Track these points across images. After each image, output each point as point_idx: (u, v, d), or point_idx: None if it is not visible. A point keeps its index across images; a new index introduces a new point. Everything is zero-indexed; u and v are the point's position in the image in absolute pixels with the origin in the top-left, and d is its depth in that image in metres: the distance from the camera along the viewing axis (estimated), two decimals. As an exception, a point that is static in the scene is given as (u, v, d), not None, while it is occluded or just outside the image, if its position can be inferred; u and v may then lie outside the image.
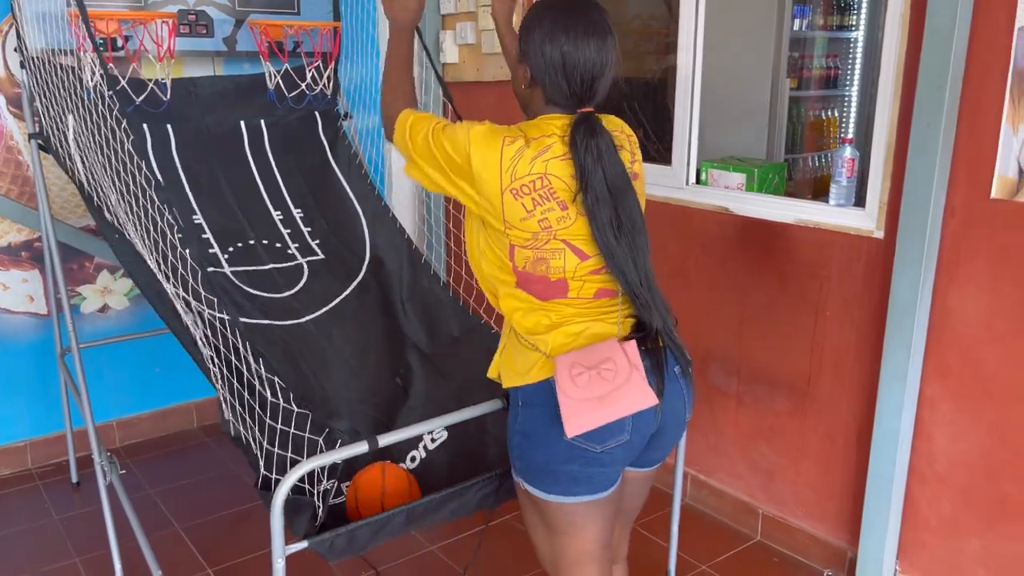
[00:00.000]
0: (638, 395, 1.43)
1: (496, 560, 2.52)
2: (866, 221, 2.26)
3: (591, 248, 1.49)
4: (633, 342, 1.47)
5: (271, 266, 2.55)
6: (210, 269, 2.05)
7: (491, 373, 1.65)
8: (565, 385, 1.43)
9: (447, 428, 2.00)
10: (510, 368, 1.56)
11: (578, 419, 1.43)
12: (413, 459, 2.03)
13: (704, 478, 2.86)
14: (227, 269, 2.44)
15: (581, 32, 1.44)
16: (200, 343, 1.96)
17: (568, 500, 1.52)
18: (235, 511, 2.85)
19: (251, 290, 2.43)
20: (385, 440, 1.57)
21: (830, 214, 2.35)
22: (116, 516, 2.44)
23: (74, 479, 3.04)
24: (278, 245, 2.62)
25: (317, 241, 2.69)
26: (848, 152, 2.34)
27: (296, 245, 2.64)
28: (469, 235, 1.60)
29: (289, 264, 2.58)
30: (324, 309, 2.49)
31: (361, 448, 1.53)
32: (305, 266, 2.59)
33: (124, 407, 3.31)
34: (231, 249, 2.51)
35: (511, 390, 1.55)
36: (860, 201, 2.32)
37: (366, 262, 2.66)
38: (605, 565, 1.63)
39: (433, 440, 1.96)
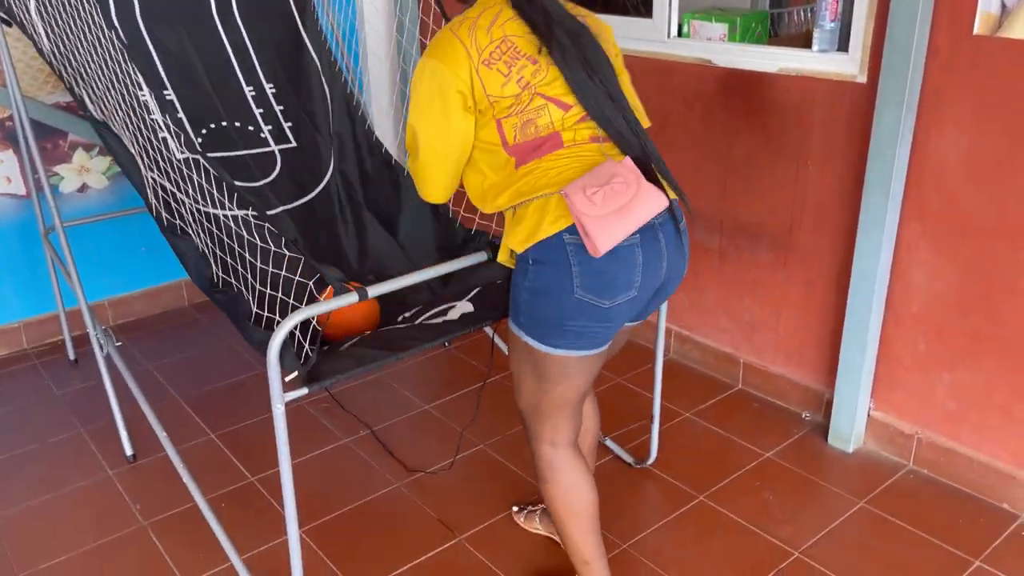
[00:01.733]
0: (652, 199, 1.49)
1: (491, 418, 2.63)
2: (849, 66, 2.24)
3: (570, 98, 1.57)
4: (628, 158, 1.53)
5: (244, 152, 2.52)
6: (185, 155, 2.02)
7: (501, 257, 1.67)
8: (583, 206, 1.46)
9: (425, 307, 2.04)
10: (517, 234, 1.57)
11: (607, 234, 1.46)
12: (400, 320, 2.07)
13: (688, 333, 2.95)
14: (202, 154, 2.41)
15: None
16: (177, 214, 1.95)
17: (568, 353, 1.58)
18: (232, 381, 2.93)
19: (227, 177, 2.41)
20: (375, 291, 1.60)
21: (813, 60, 2.32)
22: (116, 387, 2.51)
23: (71, 356, 3.09)
24: (251, 128, 2.59)
25: (289, 124, 2.65)
26: (832, -5, 2.29)
27: (269, 127, 2.60)
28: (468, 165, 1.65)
29: (262, 150, 2.55)
30: (298, 202, 2.48)
31: (352, 298, 1.56)
32: (278, 155, 2.56)
33: (114, 287, 3.33)
34: (204, 132, 2.48)
35: (521, 253, 1.57)
36: (844, 47, 2.29)
37: (333, 153, 2.63)
38: (581, 406, 1.74)
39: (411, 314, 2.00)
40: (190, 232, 2.04)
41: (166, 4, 2.57)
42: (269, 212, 2.47)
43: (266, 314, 1.74)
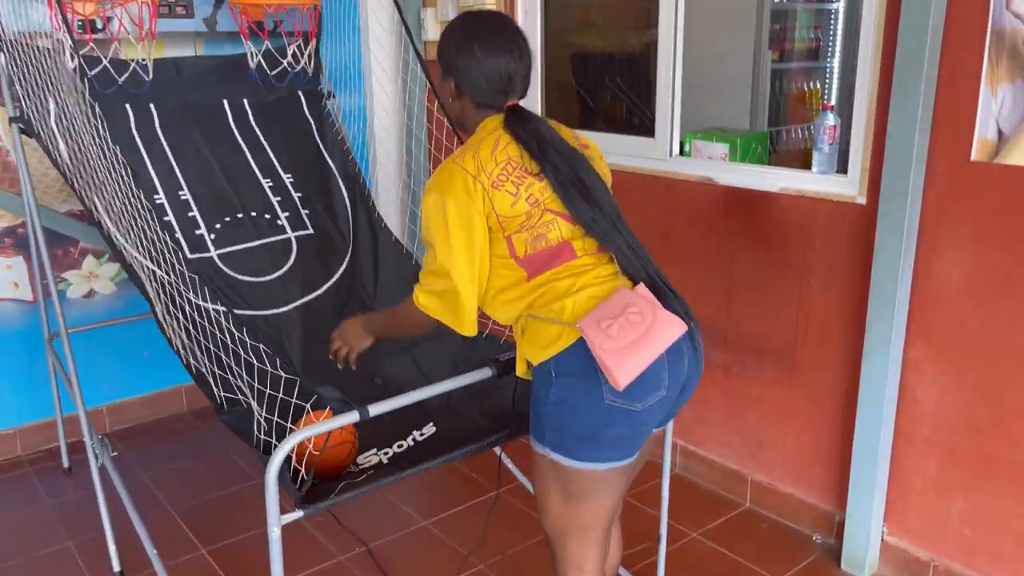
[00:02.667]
0: (669, 327, 1.50)
1: (492, 535, 2.55)
2: (849, 188, 2.28)
3: None
4: (642, 285, 1.54)
5: (259, 242, 2.54)
6: (195, 256, 2.05)
7: (519, 371, 1.64)
8: (599, 340, 1.45)
9: (435, 422, 2.00)
10: (535, 344, 1.56)
11: (624, 368, 1.45)
12: (400, 446, 2.03)
13: (693, 448, 2.89)
14: (213, 253, 2.44)
15: (489, 36, 1.64)
16: (175, 324, 1.96)
17: (599, 467, 1.54)
18: (227, 492, 2.86)
19: (237, 275, 2.43)
20: (376, 409, 1.58)
21: (813, 181, 2.37)
22: (109, 499, 2.45)
23: (65, 464, 3.04)
24: (267, 216, 2.61)
25: (307, 211, 2.68)
26: (830, 119, 2.35)
27: (287, 214, 2.62)
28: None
29: (278, 238, 2.57)
30: (308, 297, 2.49)
31: (352, 417, 1.54)
32: (294, 241, 2.58)
33: (114, 392, 3.30)
34: (218, 226, 2.50)
35: (539, 365, 1.55)
36: (843, 168, 2.34)
37: (349, 250, 2.66)
38: (610, 529, 1.67)
39: (421, 434, 1.97)
40: (186, 350, 2.03)
41: (184, 115, 2.66)
42: (277, 310, 2.46)
43: (263, 437, 1.71)
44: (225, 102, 2.74)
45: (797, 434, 2.56)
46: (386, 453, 1.86)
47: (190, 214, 2.49)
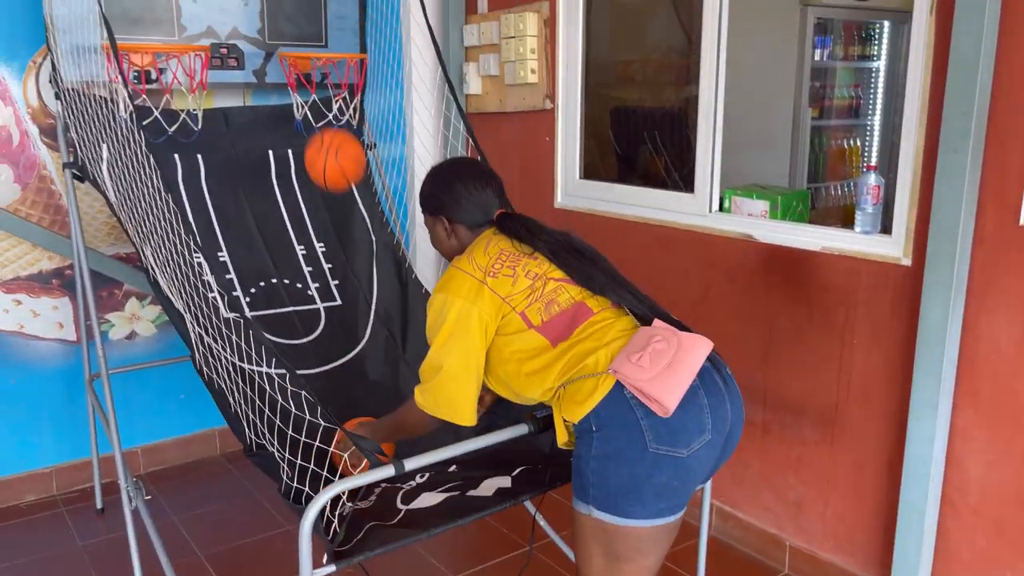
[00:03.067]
0: (695, 345, 1.55)
1: (520, 590, 2.50)
2: (893, 248, 2.25)
3: None
4: (656, 320, 1.62)
5: (291, 308, 2.59)
6: (233, 314, 2.09)
7: (561, 441, 1.65)
8: (634, 374, 1.50)
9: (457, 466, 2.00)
10: (572, 403, 1.57)
11: (666, 391, 1.49)
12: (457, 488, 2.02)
13: (730, 509, 2.83)
14: (248, 314, 2.48)
15: (464, 170, 1.90)
16: (219, 371, 1.98)
17: (644, 524, 1.52)
18: (258, 539, 2.85)
19: (270, 336, 2.47)
20: (412, 463, 1.56)
21: (856, 241, 2.34)
22: (140, 542, 2.45)
23: (99, 505, 3.05)
24: (299, 286, 2.68)
25: (336, 282, 2.73)
26: (873, 179, 2.33)
27: (316, 285, 2.68)
28: (493, 378, 1.75)
29: (308, 307, 2.62)
30: (337, 363, 2.52)
31: (388, 471, 1.53)
32: (323, 312, 2.63)
33: (149, 434, 3.33)
34: (253, 290, 2.56)
35: (579, 423, 1.55)
36: (886, 228, 2.31)
37: (373, 307, 2.69)
38: None
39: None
40: (225, 390, 2.05)
41: (229, 169, 2.72)
42: (308, 371, 2.49)
43: (295, 485, 1.70)
44: (270, 153, 2.80)
45: (839, 499, 2.49)
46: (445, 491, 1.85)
47: (227, 276, 2.55)
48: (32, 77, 2.86)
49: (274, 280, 2.65)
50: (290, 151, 2.86)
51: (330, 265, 2.77)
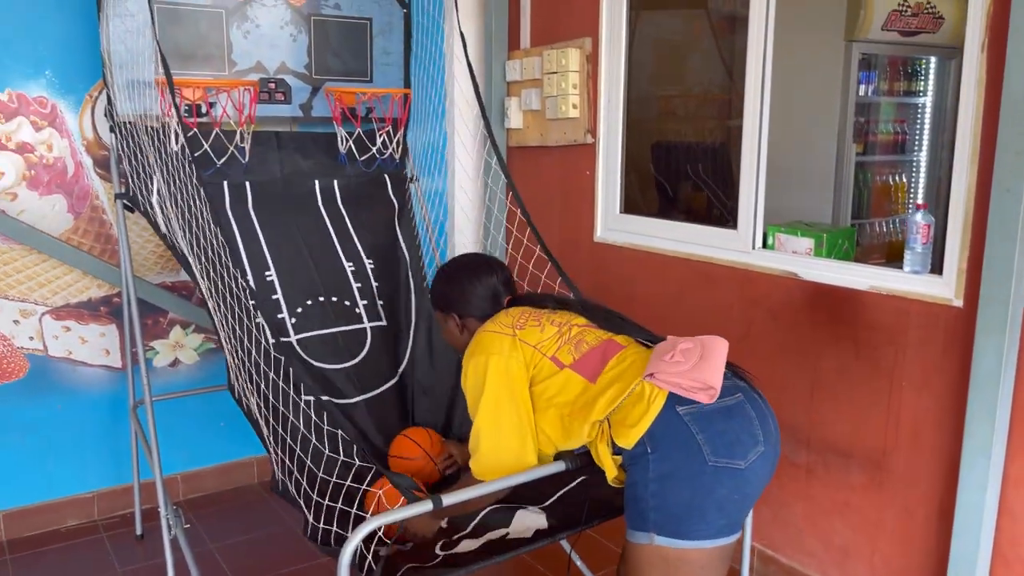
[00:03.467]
0: (716, 342, 1.62)
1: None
2: (944, 289, 2.20)
3: None
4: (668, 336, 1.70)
5: (337, 329, 2.60)
6: (276, 339, 2.11)
7: (610, 477, 1.65)
8: (672, 370, 1.55)
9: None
10: (624, 427, 1.57)
11: (706, 374, 1.54)
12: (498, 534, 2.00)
13: (772, 553, 2.76)
14: (293, 338, 2.50)
15: (470, 266, 2.01)
16: (255, 404, 2.00)
17: (706, 544, 1.52)
18: (294, 570, 2.84)
19: (313, 362, 2.48)
20: (450, 499, 1.55)
21: (905, 281, 2.29)
22: (178, 570, 2.46)
23: (138, 531, 3.07)
24: (347, 303, 2.68)
25: (382, 301, 2.74)
26: (922, 218, 2.29)
27: (364, 303, 2.68)
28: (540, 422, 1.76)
29: (355, 327, 2.63)
30: (375, 392, 2.53)
31: (425, 507, 1.52)
32: (369, 332, 2.64)
33: (189, 461, 3.36)
34: (299, 310, 2.57)
35: (633, 448, 1.56)
36: (935, 268, 2.26)
37: (410, 344, 2.71)
38: None
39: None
40: (259, 422, 2.06)
41: (276, 194, 2.76)
42: (346, 400, 2.49)
43: (322, 526, 1.69)
44: (316, 183, 2.84)
45: (886, 546, 2.41)
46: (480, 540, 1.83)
47: (274, 296, 2.57)
48: (88, 110, 2.94)
49: (321, 298, 2.66)
50: (335, 182, 2.90)
51: (378, 283, 2.78)
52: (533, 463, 1.69)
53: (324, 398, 2.44)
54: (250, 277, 2.57)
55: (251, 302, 2.12)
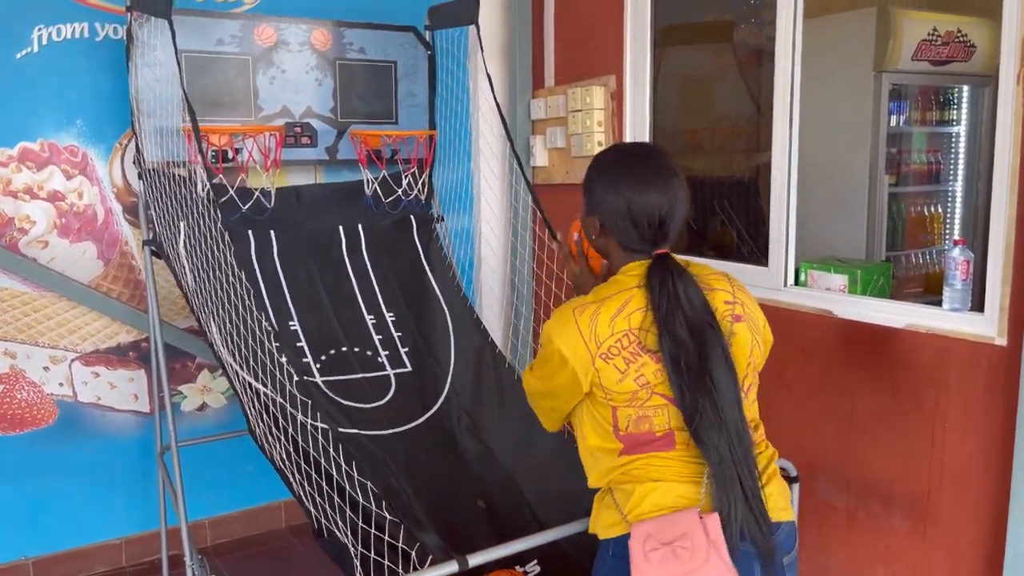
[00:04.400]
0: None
1: None
2: (986, 327, 2.12)
3: None
4: (715, 516, 1.38)
5: (361, 375, 2.59)
6: (304, 378, 2.10)
7: (592, 527, 1.58)
8: (638, 560, 1.37)
9: (540, 560, 1.94)
10: (602, 520, 1.53)
11: None
12: None
13: (813, 600, 2.66)
14: (319, 379, 2.49)
15: (642, 178, 1.49)
16: (281, 450, 1.97)
17: None
18: (320, 618, 2.80)
19: (340, 399, 2.46)
20: (475, 560, 1.51)
21: (944, 319, 2.22)
22: (204, 621, 2.42)
23: (165, 578, 3.05)
24: (369, 353, 2.68)
25: (406, 349, 2.73)
26: (960, 253, 2.22)
27: (386, 353, 2.68)
28: (575, 419, 1.59)
29: (378, 374, 2.62)
30: (409, 425, 2.50)
31: (451, 568, 1.48)
32: (392, 378, 2.63)
33: (217, 505, 3.34)
34: (323, 357, 2.58)
35: (603, 541, 1.51)
36: (976, 305, 2.19)
37: (450, 374, 2.68)
38: None
39: (524, 572, 1.90)
40: (285, 470, 2.03)
41: (300, 244, 2.77)
42: (381, 432, 2.46)
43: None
44: (340, 228, 2.85)
45: (933, 595, 2.31)
46: None
47: (298, 344, 2.57)
48: (118, 158, 2.98)
49: (344, 348, 2.66)
50: (360, 226, 2.90)
51: (400, 334, 2.77)
52: (549, 429, 1.67)
53: (354, 431, 2.41)
54: (275, 326, 2.57)
55: (275, 344, 2.11)
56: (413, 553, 1.62)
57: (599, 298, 1.49)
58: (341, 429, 2.35)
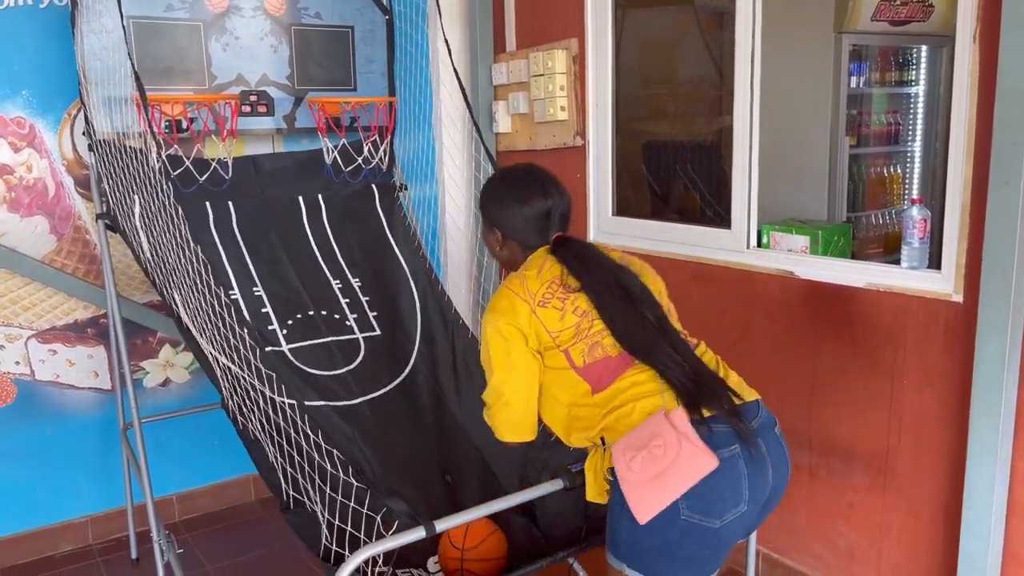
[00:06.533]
0: (694, 464, 1.44)
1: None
2: (943, 284, 2.15)
3: None
4: (679, 411, 1.48)
5: (330, 339, 2.55)
6: (268, 349, 2.07)
7: (590, 494, 1.61)
8: (623, 472, 1.45)
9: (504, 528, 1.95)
10: (596, 473, 1.56)
11: (642, 504, 1.42)
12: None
13: (777, 556, 2.71)
14: (285, 347, 2.46)
15: (524, 186, 1.79)
16: (251, 419, 1.95)
17: None
18: (291, 590, 2.80)
19: (308, 369, 2.43)
20: (443, 525, 1.51)
21: (903, 277, 2.25)
22: (173, 596, 2.41)
23: (133, 555, 3.03)
24: (336, 316, 2.64)
25: (375, 313, 2.70)
26: (918, 212, 2.25)
27: (354, 316, 2.64)
28: (543, 399, 1.70)
29: (347, 337, 2.58)
30: (377, 393, 2.48)
31: (419, 533, 1.48)
32: (362, 342, 2.59)
33: (184, 480, 3.31)
34: (290, 322, 2.53)
35: (610, 482, 1.52)
36: (934, 263, 2.22)
37: (416, 343, 2.66)
38: None
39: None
40: (261, 441, 2.02)
41: (261, 214, 2.71)
42: (349, 402, 2.45)
43: (334, 547, 1.66)
44: (300, 198, 2.80)
45: (893, 548, 2.37)
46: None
47: (263, 310, 2.52)
48: (67, 129, 2.89)
49: (311, 312, 2.62)
50: (320, 196, 2.85)
51: (367, 298, 2.74)
52: (527, 438, 1.71)
53: (321, 403, 2.39)
54: (238, 292, 2.52)
55: (242, 313, 2.07)
56: (378, 518, 1.62)
57: (520, 272, 1.73)
58: (308, 403, 2.32)
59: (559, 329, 1.61)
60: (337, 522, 1.66)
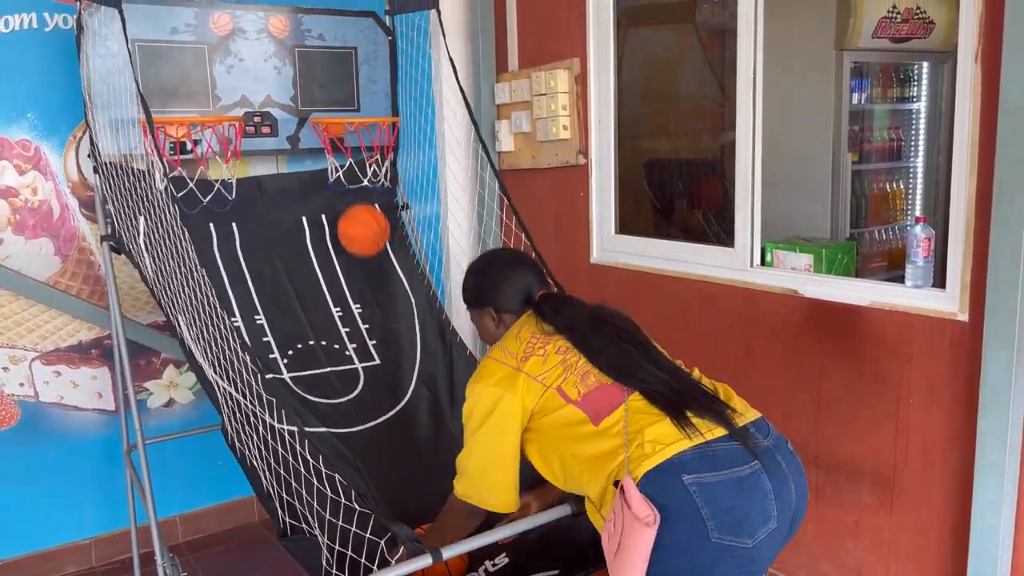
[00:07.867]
0: (633, 532, 1.40)
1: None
2: (948, 303, 2.15)
3: None
4: (626, 481, 1.45)
5: (329, 369, 2.56)
6: (269, 376, 2.07)
7: (598, 523, 1.58)
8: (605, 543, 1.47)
9: (508, 552, 1.93)
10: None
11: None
12: None
13: None
14: (286, 375, 2.46)
15: (501, 259, 1.99)
16: (249, 443, 1.95)
17: None
18: (296, 612, 2.78)
19: (309, 396, 2.44)
20: (449, 552, 1.50)
21: (907, 296, 2.24)
22: (177, 620, 2.39)
23: (137, 577, 3.01)
24: (336, 347, 2.65)
25: (374, 342, 2.70)
26: (921, 231, 2.25)
27: (354, 346, 2.65)
28: (541, 465, 1.69)
29: (346, 368, 2.59)
30: (377, 421, 2.48)
31: (426, 561, 1.47)
32: (361, 372, 2.60)
33: (188, 502, 3.30)
34: (291, 352, 2.54)
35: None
36: (938, 281, 2.22)
37: (417, 367, 2.66)
38: None
39: (494, 565, 1.89)
40: (257, 469, 2.01)
41: (264, 236, 2.72)
42: (349, 429, 2.44)
43: (335, 572, 1.64)
44: (304, 219, 2.80)
45: (900, 567, 2.35)
46: None
47: (264, 339, 2.53)
48: (72, 151, 2.91)
49: (311, 342, 2.63)
50: (324, 216, 2.86)
51: (367, 326, 2.74)
52: (509, 507, 1.70)
53: (323, 429, 2.39)
54: (240, 319, 2.53)
55: (239, 342, 2.07)
56: (382, 543, 1.61)
57: (500, 342, 1.81)
58: (309, 428, 2.31)
59: (544, 371, 1.66)
60: (338, 547, 1.65)
